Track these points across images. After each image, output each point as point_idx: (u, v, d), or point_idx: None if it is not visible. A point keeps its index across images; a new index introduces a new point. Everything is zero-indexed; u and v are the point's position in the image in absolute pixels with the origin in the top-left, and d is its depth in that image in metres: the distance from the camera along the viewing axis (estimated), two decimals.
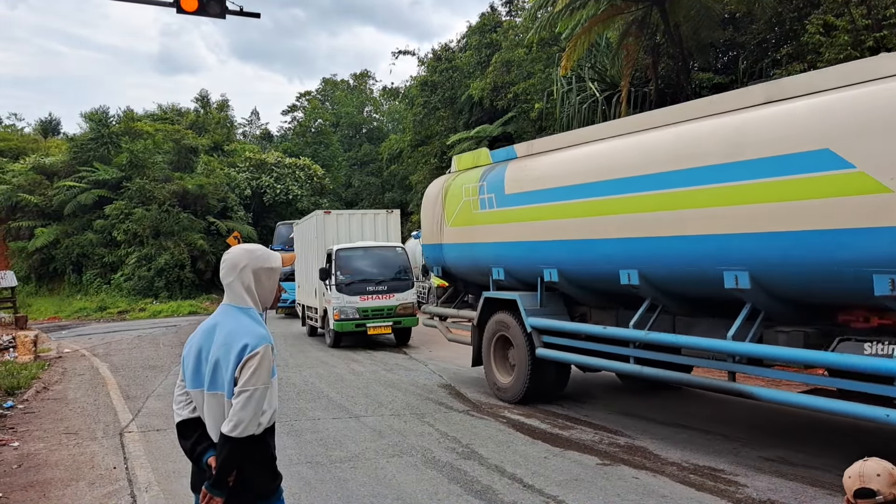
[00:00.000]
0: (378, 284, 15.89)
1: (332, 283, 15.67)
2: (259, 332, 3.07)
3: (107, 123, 38.32)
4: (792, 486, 6.04)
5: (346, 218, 18.05)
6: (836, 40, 12.60)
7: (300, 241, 21.27)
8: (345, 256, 16.08)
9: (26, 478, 6.93)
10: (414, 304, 16.33)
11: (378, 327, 15.77)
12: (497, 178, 9.93)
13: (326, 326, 16.73)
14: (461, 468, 6.83)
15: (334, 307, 15.61)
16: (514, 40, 27.83)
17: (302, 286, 20.65)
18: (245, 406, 2.93)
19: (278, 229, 28.45)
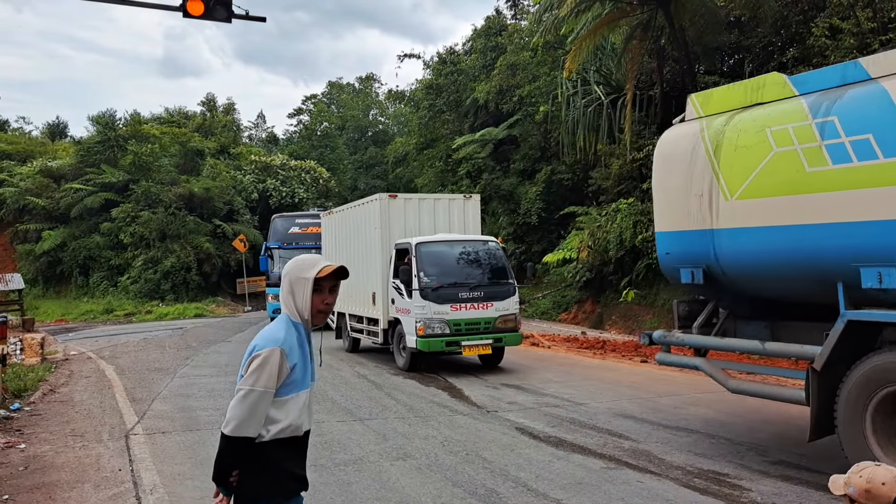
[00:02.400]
0: (472, 290, 12.61)
1: (413, 287, 12.46)
2: (272, 335, 3.04)
3: (113, 127, 38.48)
4: (797, 491, 6.03)
5: (415, 204, 14.41)
6: (841, 43, 12.59)
7: (333, 234, 17.98)
8: (429, 253, 12.82)
9: (32, 480, 6.96)
10: (517, 316, 13.06)
11: (475, 346, 12.44)
12: (870, 107, 5.91)
13: (397, 343, 13.54)
14: (465, 471, 6.83)
15: (418, 320, 12.30)
16: (520, 43, 27.88)
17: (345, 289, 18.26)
18: (237, 404, 2.93)
19: (274, 223, 24.22)
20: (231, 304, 34.59)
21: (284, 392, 3.03)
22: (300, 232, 23.10)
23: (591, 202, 22.86)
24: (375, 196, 14.60)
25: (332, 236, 17.99)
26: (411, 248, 12.81)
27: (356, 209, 15.95)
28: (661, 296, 18.33)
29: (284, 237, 22.99)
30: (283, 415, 3.02)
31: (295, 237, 23.05)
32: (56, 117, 65.65)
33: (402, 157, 40.42)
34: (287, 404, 3.03)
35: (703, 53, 19.16)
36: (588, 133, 21.83)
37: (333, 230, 17.86)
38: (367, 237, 14.87)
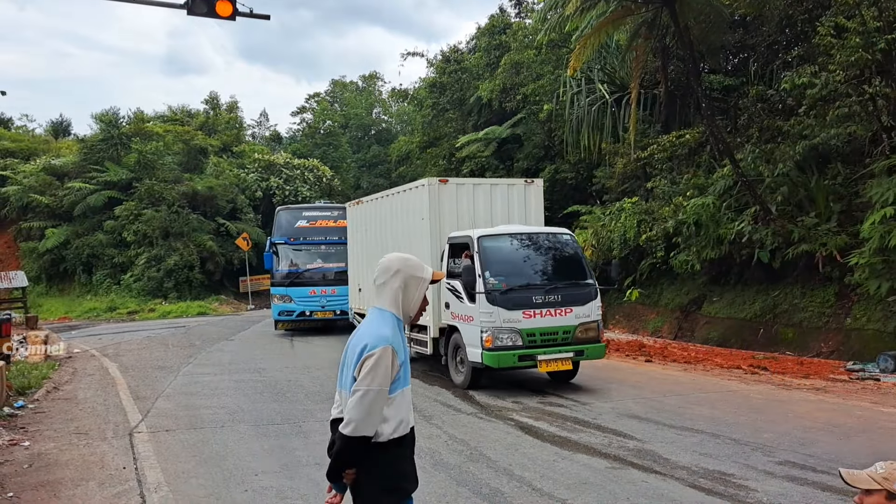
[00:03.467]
0: (548, 293, 10.49)
1: (477, 289, 10.38)
2: (382, 333, 3.10)
3: (117, 124, 38.51)
4: (802, 491, 6.01)
5: (468, 190, 12.38)
6: (847, 42, 12.52)
7: (362, 226, 16.08)
8: (495, 248, 10.86)
9: (37, 477, 6.96)
10: (599, 324, 10.92)
11: (553, 361, 10.33)
12: None
13: (452, 355, 11.45)
14: (469, 471, 6.82)
15: (484, 329, 10.23)
16: (524, 42, 27.84)
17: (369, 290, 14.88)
18: (356, 405, 3.01)
19: (279, 217, 21.78)
20: (234, 303, 34.60)
21: (392, 389, 3.11)
22: (308, 226, 21.10)
23: (594, 201, 22.83)
24: (422, 181, 12.51)
25: (361, 229, 15.98)
26: (473, 242, 10.74)
27: (395, 197, 13.85)
28: (664, 295, 18.32)
29: (291, 232, 20.94)
30: (394, 412, 3.12)
31: (302, 232, 20.97)
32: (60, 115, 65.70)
33: (406, 155, 40.40)
34: (395, 401, 3.13)
35: (708, 52, 19.11)
36: (592, 132, 21.80)
37: (363, 222, 15.96)
38: (410, 229, 12.91)
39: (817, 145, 14.11)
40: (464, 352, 10.89)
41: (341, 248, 19.61)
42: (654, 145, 18.13)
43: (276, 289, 20.41)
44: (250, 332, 21.86)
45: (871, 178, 13.00)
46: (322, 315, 19.98)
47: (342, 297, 19.14)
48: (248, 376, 12.99)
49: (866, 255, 12.06)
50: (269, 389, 11.58)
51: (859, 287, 12.72)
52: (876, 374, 11.19)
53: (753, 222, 14.64)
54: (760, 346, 14.20)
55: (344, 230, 19.37)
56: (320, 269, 20.47)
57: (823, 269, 13.55)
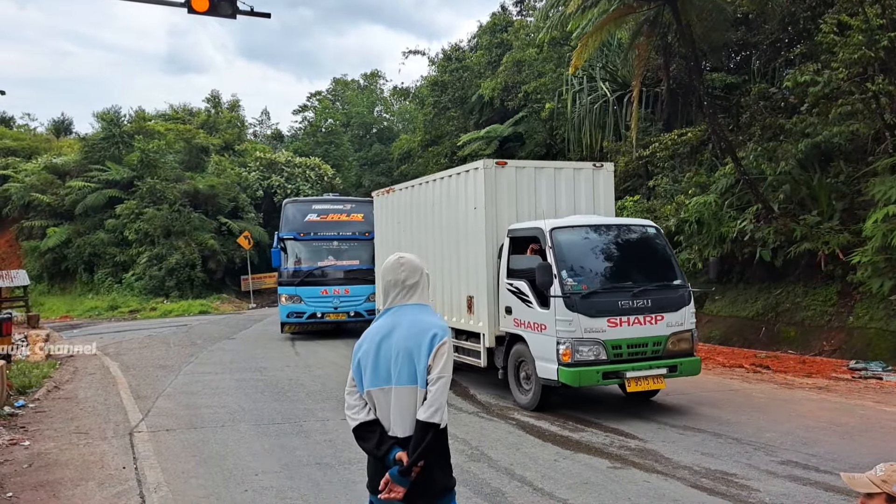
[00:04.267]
0: (636, 297, 8.82)
1: (554, 292, 8.73)
2: (443, 324, 3.27)
3: (118, 123, 38.54)
4: (805, 491, 5.97)
5: (529, 175, 10.59)
6: (850, 40, 12.48)
7: (393, 217, 14.27)
8: (572, 243, 9.22)
9: (36, 477, 6.94)
10: (694, 333, 9.26)
11: (644, 379, 8.72)
12: None
13: (514, 369, 9.75)
14: (471, 470, 6.79)
15: (562, 340, 8.58)
16: (526, 40, 27.79)
17: None
18: (442, 393, 3.15)
19: (286, 210, 19.98)
20: (236, 301, 34.60)
21: None
22: (318, 220, 19.35)
23: None
24: (476, 164, 10.72)
25: (392, 221, 14.30)
26: (545, 235, 9.10)
27: (438, 184, 12.04)
28: None
29: (300, 226, 19.18)
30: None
31: (313, 226, 19.19)
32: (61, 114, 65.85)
33: (407, 154, 40.37)
34: None
35: (710, 50, 19.06)
36: (594, 130, 21.77)
37: (394, 213, 14.21)
38: (457, 220, 11.17)
39: (820, 143, 14.07)
40: (531, 366, 9.19)
41: (355, 244, 18.86)
42: (656, 143, 18.10)
43: (283, 288, 18.87)
44: (252, 330, 21.85)
45: (874, 176, 12.96)
46: (335, 317, 18.40)
47: (356, 298, 18.20)
48: (249, 375, 12.97)
49: (869, 253, 12.02)
50: (270, 389, 11.56)
51: (862, 285, 12.67)
52: (879, 373, 11.16)
53: (755, 221, 14.60)
54: (762, 345, 14.16)
55: (358, 224, 18.82)
56: (333, 266, 18.87)
57: (826, 267, 13.51)
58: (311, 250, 19.09)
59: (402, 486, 3.10)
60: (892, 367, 11.42)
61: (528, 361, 9.29)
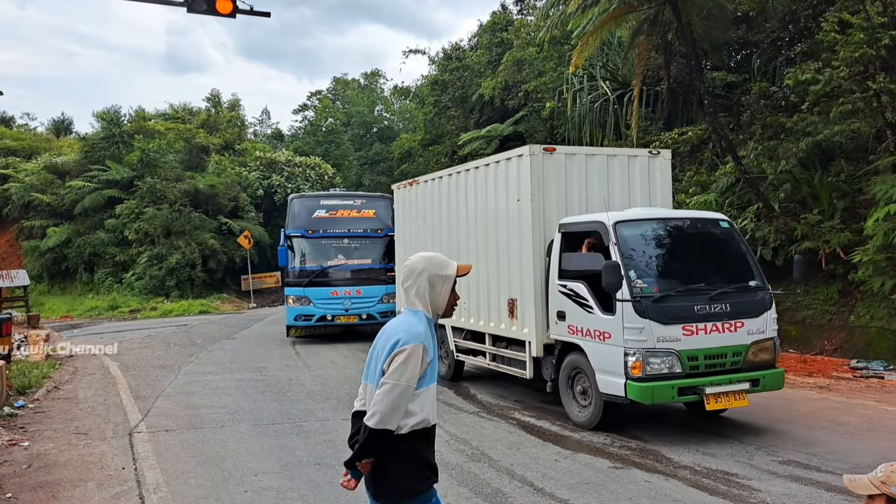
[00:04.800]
0: (714, 301, 7.74)
1: (622, 295, 7.60)
2: (414, 330, 3.19)
3: (118, 123, 38.53)
4: (807, 491, 5.95)
5: (580, 163, 9.45)
6: (851, 38, 12.44)
7: (417, 211, 13.07)
8: (639, 239, 8.19)
9: (36, 478, 6.92)
10: (776, 343, 8.18)
11: (726, 395, 7.61)
12: None
13: (567, 383, 8.67)
14: (471, 471, 6.77)
15: (631, 350, 7.50)
16: (526, 39, 27.76)
17: None
18: (383, 398, 3.08)
19: (293, 206, 18.73)
20: (236, 301, 34.59)
21: (419, 385, 3.18)
22: (327, 216, 18.27)
23: None
24: (521, 150, 9.51)
25: (416, 216, 13.09)
26: (608, 230, 7.99)
27: (473, 174, 10.90)
28: None
29: (308, 223, 18.06)
30: (419, 408, 3.17)
31: (321, 223, 18.09)
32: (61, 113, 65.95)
33: (408, 153, 40.34)
34: (420, 397, 3.18)
35: (711, 49, 19.03)
36: (594, 129, 21.74)
37: (418, 207, 12.99)
38: (496, 213, 10.08)
39: (821, 142, 14.04)
40: (589, 380, 8.17)
41: (367, 242, 18.04)
42: (657, 142, 18.06)
43: (291, 289, 17.68)
44: (252, 330, 21.83)
45: (875, 174, 12.93)
46: (346, 319, 17.34)
47: (369, 299, 17.37)
48: (248, 375, 12.95)
49: (870, 252, 12.00)
50: (270, 389, 11.54)
51: (863, 284, 12.65)
52: (880, 372, 11.14)
53: (756, 219, 14.57)
54: None
55: (369, 221, 18.11)
56: (343, 266, 17.86)
57: (827, 266, 13.48)
58: (320, 248, 18.03)
59: (352, 476, 3.26)
60: (893, 366, 11.40)
61: (586, 374, 8.24)
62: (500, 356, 10.13)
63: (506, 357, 9.98)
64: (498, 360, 10.21)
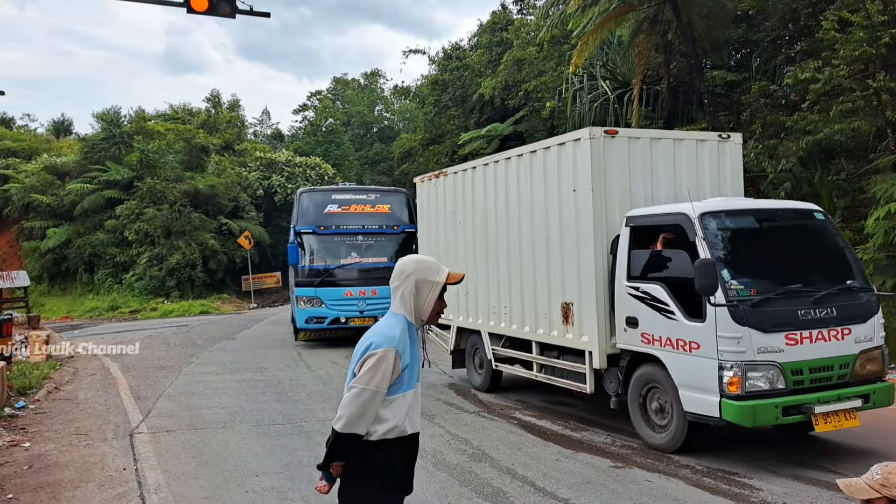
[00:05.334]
0: (817, 304, 6.70)
1: (716, 299, 6.51)
2: (388, 334, 3.11)
3: (118, 123, 38.52)
4: (808, 491, 5.95)
5: (643, 148, 8.34)
6: (851, 36, 12.44)
7: (448, 206, 11.73)
8: (730, 234, 7.20)
9: (36, 479, 6.92)
10: (884, 352, 7.16)
11: (835, 415, 6.60)
12: None
13: (641, 397, 7.56)
14: (472, 470, 6.77)
15: (727, 364, 6.47)
16: (526, 38, 27.76)
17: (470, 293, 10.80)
18: (350, 402, 3.03)
19: (302, 201, 17.55)
20: (236, 301, 34.60)
21: (392, 392, 3.10)
22: (340, 211, 17.07)
23: None
24: (576, 134, 8.44)
25: (444, 211, 11.85)
26: (692, 223, 6.95)
27: (516, 161, 9.69)
28: None
29: (319, 218, 16.88)
30: (391, 414, 3.11)
31: (333, 218, 16.91)
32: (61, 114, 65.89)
33: (408, 152, 40.34)
34: (394, 404, 3.11)
35: (711, 48, 19.03)
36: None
37: (447, 200, 11.75)
38: (545, 206, 8.96)
39: (821, 141, 14.03)
40: (669, 397, 7.15)
41: (382, 239, 16.95)
42: None
43: (301, 289, 16.43)
44: (252, 330, 21.82)
45: (876, 173, 12.92)
46: (360, 322, 15.96)
47: (385, 300, 16.17)
48: (249, 375, 12.95)
49: (871, 250, 11.99)
50: (271, 389, 11.54)
51: None
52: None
53: None
54: None
55: (384, 216, 17.10)
56: (358, 264, 16.65)
57: None
58: (332, 246, 16.88)
59: (325, 480, 3.19)
60: (894, 364, 11.38)
61: (665, 390, 7.20)
62: (552, 367, 9.02)
63: (558, 368, 8.88)
64: (547, 370, 9.16)
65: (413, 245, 16.36)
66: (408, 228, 16.76)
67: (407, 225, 16.90)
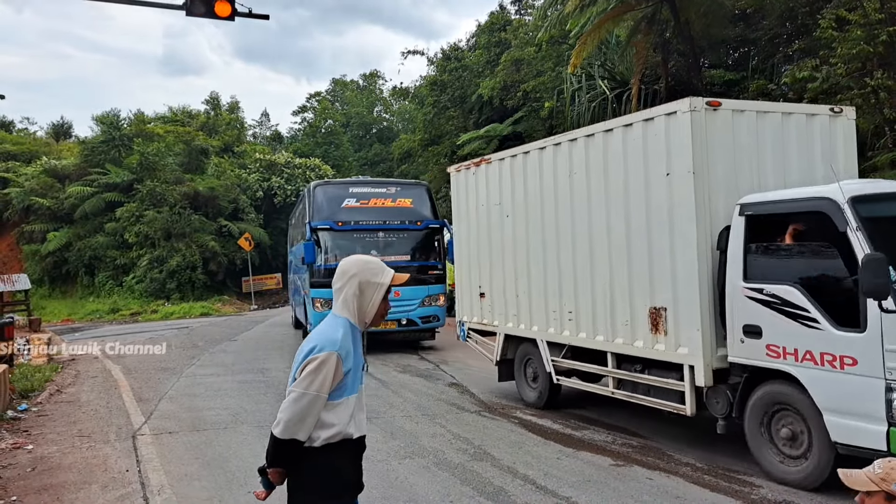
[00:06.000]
0: None
1: (888, 304, 5.37)
2: (330, 338, 3.01)
3: (118, 126, 38.60)
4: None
5: (749, 121, 7.16)
6: (849, 35, 12.46)
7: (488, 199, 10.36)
8: (888, 221, 6.12)
9: (40, 481, 6.95)
10: None
11: None
12: None
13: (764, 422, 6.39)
14: (474, 469, 6.80)
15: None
16: (524, 38, 27.79)
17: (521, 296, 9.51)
18: (289, 406, 2.97)
19: (316, 195, 16.17)
20: (237, 303, 34.63)
21: (335, 396, 3.02)
22: (358, 206, 15.87)
23: None
24: (670, 106, 7.19)
25: (489, 201, 10.29)
26: (842, 210, 5.78)
27: (588, 141, 8.33)
28: None
29: (336, 214, 15.61)
30: (335, 419, 3.02)
31: (352, 213, 15.70)
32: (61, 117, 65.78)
33: (407, 153, 40.36)
34: (337, 408, 3.03)
35: (709, 47, 19.06)
36: None
37: (490, 191, 10.29)
38: (627, 194, 7.68)
39: None
40: (805, 423, 6.01)
41: (405, 236, 15.79)
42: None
43: (318, 290, 15.05)
44: (253, 332, 21.84)
45: (874, 171, 12.93)
46: (383, 326, 13.98)
47: (409, 302, 15.08)
48: (251, 377, 12.97)
49: None
50: (272, 390, 11.56)
51: None
52: None
53: None
54: None
55: (407, 211, 15.92)
56: None
57: None
58: (350, 243, 15.45)
59: (262, 485, 3.09)
60: None
61: (800, 414, 6.04)
62: (634, 383, 7.75)
63: (643, 384, 7.61)
64: (627, 386, 7.91)
65: (436, 242, 15.76)
66: (432, 224, 15.90)
67: (430, 220, 15.95)
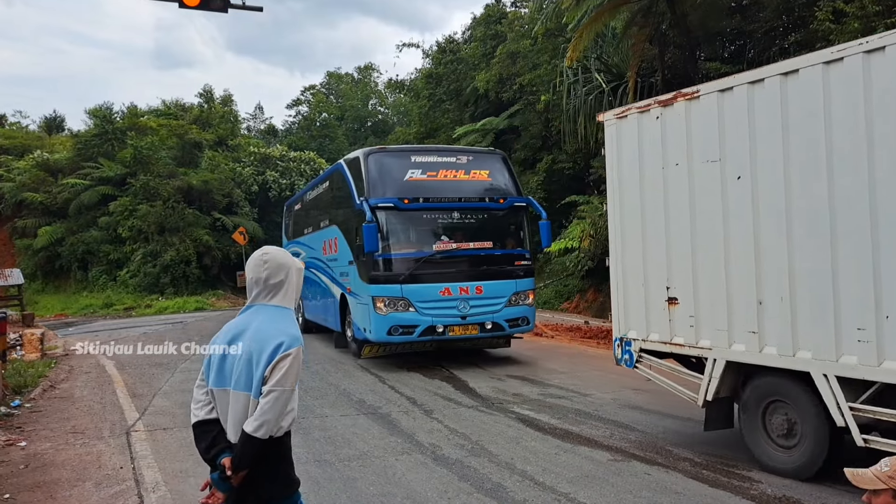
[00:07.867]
0: None
1: None
2: (294, 333, 3.04)
3: (111, 120, 38.43)
4: (808, 482, 5.94)
5: None
6: (846, 27, 12.43)
7: (693, 154, 6.72)
8: None
9: (33, 478, 6.87)
10: None
11: None
12: None
13: None
14: (471, 465, 6.74)
15: None
16: (520, 31, 27.72)
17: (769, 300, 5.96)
18: (272, 407, 2.94)
19: (370, 164, 12.54)
20: (231, 297, 34.54)
21: None
22: (426, 179, 12.49)
23: (592, 191, 22.73)
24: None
25: (696, 157, 6.71)
26: None
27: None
28: None
29: (399, 188, 12.27)
30: (295, 403, 3.11)
31: (418, 188, 12.32)
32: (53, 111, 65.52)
33: None
34: (296, 393, 3.13)
35: (705, 39, 19.01)
36: (589, 121, 21.69)
37: (697, 144, 6.71)
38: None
39: None
40: None
41: (485, 217, 12.71)
42: None
43: (380, 287, 12.01)
44: None
45: None
46: (462, 332, 12.03)
47: (494, 301, 12.23)
48: None
49: None
50: None
51: None
52: None
53: None
54: None
55: (484, 185, 12.88)
56: (457, 251, 12.29)
57: None
58: (420, 226, 12.35)
59: (221, 490, 3.00)
60: None
61: None
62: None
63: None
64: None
65: (522, 223, 13.00)
66: (517, 202, 12.87)
67: (515, 197, 12.92)
